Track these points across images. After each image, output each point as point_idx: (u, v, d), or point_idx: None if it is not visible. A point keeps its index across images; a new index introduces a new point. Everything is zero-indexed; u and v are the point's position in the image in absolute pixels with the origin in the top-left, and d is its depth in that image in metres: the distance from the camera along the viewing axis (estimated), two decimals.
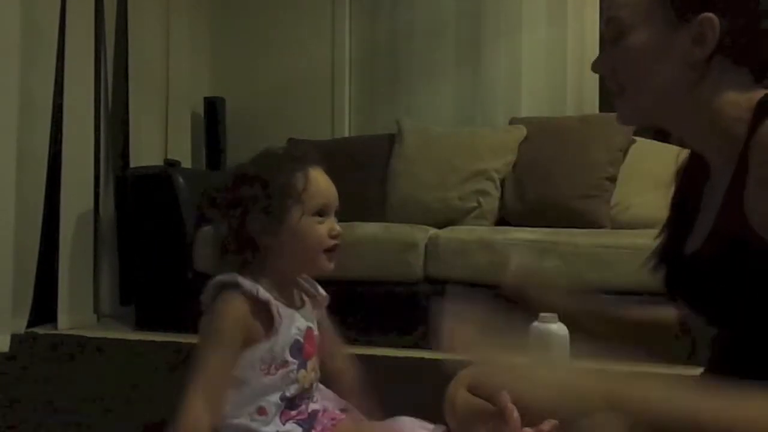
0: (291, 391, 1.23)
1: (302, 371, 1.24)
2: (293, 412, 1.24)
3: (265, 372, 1.20)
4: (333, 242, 1.25)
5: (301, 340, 1.24)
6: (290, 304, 1.26)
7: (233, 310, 1.18)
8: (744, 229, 0.79)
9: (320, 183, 1.26)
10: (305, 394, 1.27)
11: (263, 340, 1.20)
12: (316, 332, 1.30)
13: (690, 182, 0.98)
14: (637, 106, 0.93)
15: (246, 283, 1.19)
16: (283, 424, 1.22)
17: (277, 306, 1.21)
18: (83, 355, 2.60)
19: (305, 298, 1.33)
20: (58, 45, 3.22)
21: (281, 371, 1.21)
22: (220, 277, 1.21)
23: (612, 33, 0.92)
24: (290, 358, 1.22)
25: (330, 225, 1.25)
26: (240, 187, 1.23)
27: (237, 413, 1.20)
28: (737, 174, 0.82)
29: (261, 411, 1.21)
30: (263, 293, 1.19)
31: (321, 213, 1.24)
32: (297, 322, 1.25)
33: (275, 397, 1.21)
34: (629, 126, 0.99)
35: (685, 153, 0.99)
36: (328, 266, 1.27)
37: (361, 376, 1.42)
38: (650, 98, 0.91)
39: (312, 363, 1.27)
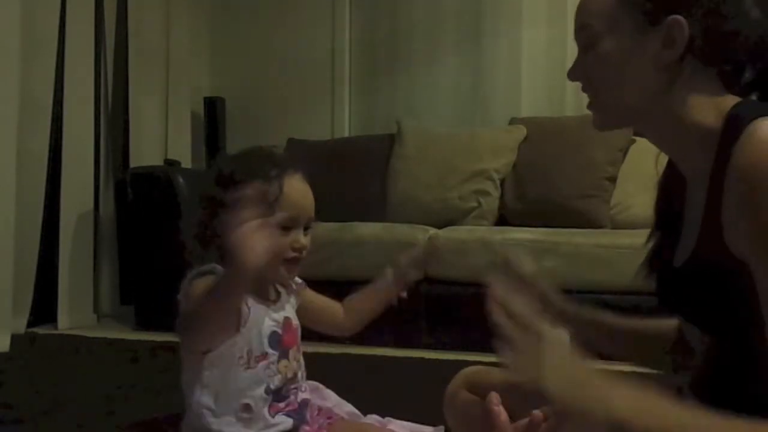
0: (275, 382, 1.23)
1: (283, 361, 1.25)
2: (281, 404, 1.24)
3: (245, 366, 1.20)
4: (293, 254, 1.24)
5: (279, 331, 1.25)
6: (264, 297, 1.26)
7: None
8: (724, 255, 0.80)
9: (294, 194, 1.24)
10: (291, 385, 1.26)
11: (235, 334, 1.20)
12: (295, 322, 1.31)
13: (672, 189, 0.99)
14: (611, 111, 0.95)
15: (220, 270, 1.18)
16: (272, 417, 1.22)
17: (246, 298, 1.21)
18: (83, 355, 2.60)
19: (281, 289, 1.33)
20: (58, 45, 3.23)
21: (261, 363, 1.22)
22: (197, 270, 1.22)
23: (583, 41, 0.94)
24: (269, 350, 1.23)
25: (294, 237, 1.23)
26: (215, 187, 1.24)
27: (223, 412, 1.20)
28: (712, 193, 0.83)
29: (246, 408, 1.20)
30: None
31: (288, 225, 1.22)
32: (272, 315, 1.25)
33: (260, 391, 1.21)
34: (604, 131, 0.99)
35: (664, 157, 1.00)
36: (287, 276, 1.27)
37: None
38: (623, 103, 0.92)
39: (293, 352, 1.28)
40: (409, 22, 3.93)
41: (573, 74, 0.97)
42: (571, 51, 3.76)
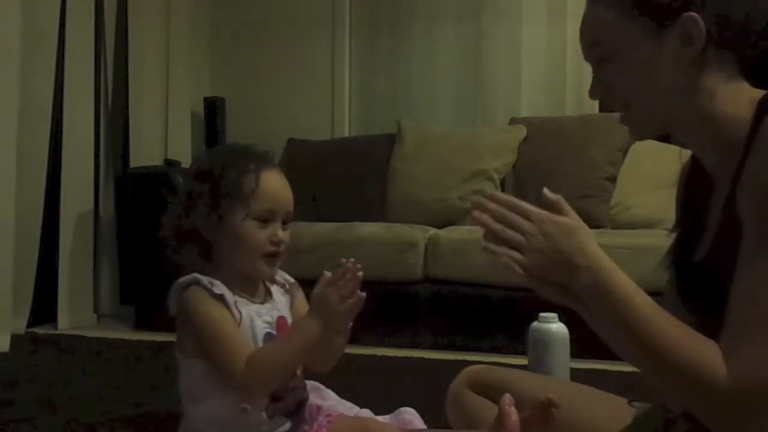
0: None
1: None
2: (279, 404, 1.23)
3: None
4: (272, 248, 1.22)
5: (273, 332, 1.23)
6: (254, 296, 1.25)
7: (202, 298, 1.18)
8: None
9: (271, 187, 1.22)
10: (289, 384, 1.25)
11: None
12: (290, 320, 1.29)
13: (698, 184, 0.98)
14: (647, 117, 0.93)
15: (203, 279, 1.19)
16: (270, 418, 1.21)
17: (235, 300, 1.20)
18: (83, 355, 2.60)
19: (273, 288, 1.31)
20: (58, 45, 3.23)
21: None
22: (181, 280, 1.21)
23: (596, 57, 0.93)
24: None
25: (272, 231, 1.22)
26: (192, 181, 1.24)
27: (220, 416, 1.20)
28: (736, 183, 0.82)
29: (244, 411, 1.19)
30: (218, 288, 1.19)
31: (266, 218, 1.21)
32: (263, 315, 1.24)
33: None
34: (645, 140, 0.99)
35: (687, 152, 0.99)
36: (267, 271, 1.24)
37: None
38: (655, 109, 0.91)
39: None
40: (409, 21, 3.93)
41: (594, 93, 0.96)
42: (571, 50, 3.74)
